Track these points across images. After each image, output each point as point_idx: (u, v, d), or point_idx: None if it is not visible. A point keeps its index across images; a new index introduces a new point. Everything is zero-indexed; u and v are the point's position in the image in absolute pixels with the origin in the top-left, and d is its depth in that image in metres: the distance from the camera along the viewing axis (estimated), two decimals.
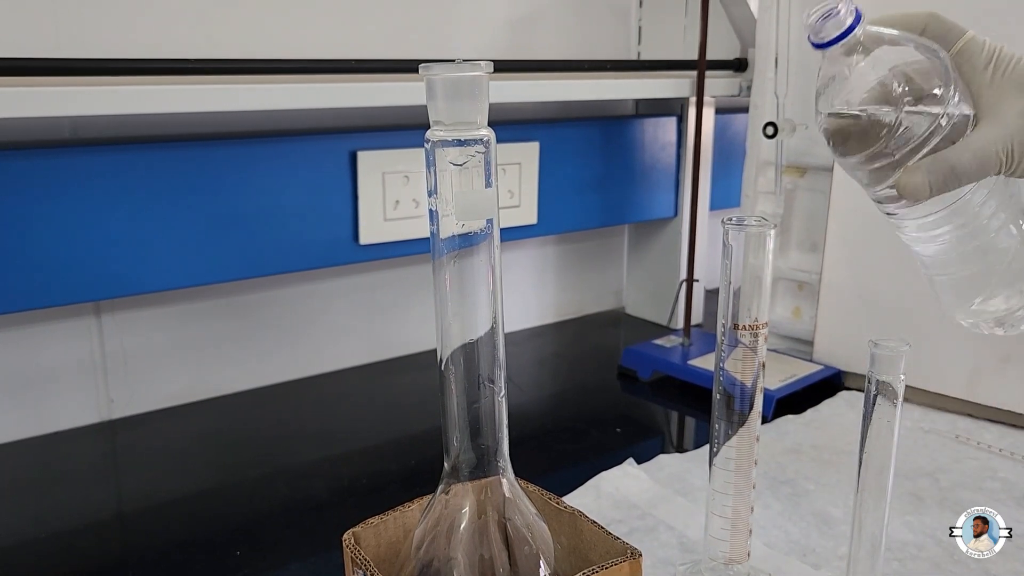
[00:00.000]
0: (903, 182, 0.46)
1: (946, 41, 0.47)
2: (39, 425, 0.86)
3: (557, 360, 1.16)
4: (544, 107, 1.14)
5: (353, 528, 0.48)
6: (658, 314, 1.24)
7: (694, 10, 1.11)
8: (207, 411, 0.93)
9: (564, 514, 0.50)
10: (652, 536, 0.66)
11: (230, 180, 0.83)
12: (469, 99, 0.40)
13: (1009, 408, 0.85)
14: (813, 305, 1.01)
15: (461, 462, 0.45)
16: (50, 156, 0.74)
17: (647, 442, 0.89)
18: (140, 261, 0.79)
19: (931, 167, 0.45)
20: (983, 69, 0.47)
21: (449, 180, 0.41)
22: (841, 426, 0.86)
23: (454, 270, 0.42)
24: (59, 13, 0.79)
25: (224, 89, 0.77)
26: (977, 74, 0.47)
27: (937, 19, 0.48)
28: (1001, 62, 0.47)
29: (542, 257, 1.23)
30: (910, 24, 0.48)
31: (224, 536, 0.69)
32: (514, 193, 1.03)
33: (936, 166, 0.45)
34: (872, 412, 0.52)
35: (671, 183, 1.19)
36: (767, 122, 0.99)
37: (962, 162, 0.45)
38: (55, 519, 0.71)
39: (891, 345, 0.50)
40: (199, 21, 0.87)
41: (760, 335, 0.52)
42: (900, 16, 0.48)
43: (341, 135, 0.90)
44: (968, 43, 0.47)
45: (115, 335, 0.88)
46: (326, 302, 1.02)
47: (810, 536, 0.66)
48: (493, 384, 0.44)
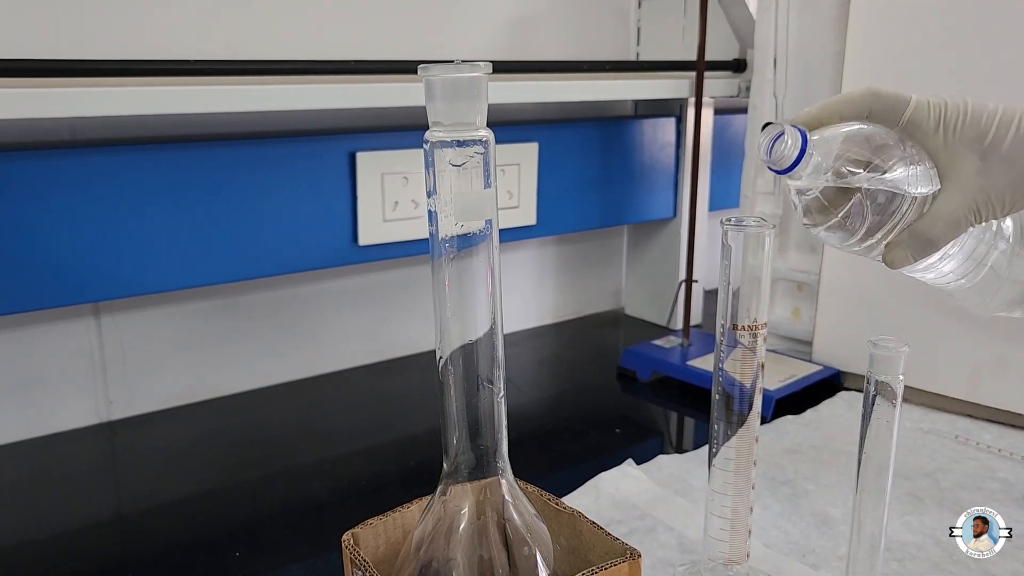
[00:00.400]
0: (888, 258, 0.49)
1: (894, 114, 0.48)
2: (38, 426, 0.86)
3: (556, 361, 1.16)
4: (543, 108, 1.14)
5: (352, 529, 0.48)
6: (657, 315, 1.24)
7: (693, 11, 1.11)
8: (206, 412, 0.93)
9: (563, 515, 0.50)
10: (651, 537, 0.66)
11: (229, 181, 0.83)
12: (468, 100, 0.40)
13: (1008, 408, 0.86)
14: (812, 305, 1.01)
15: (460, 463, 0.45)
16: (49, 157, 0.74)
17: (646, 443, 0.89)
18: (139, 262, 0.79)
19: (909, 242, 0.48)
20: (934, 133, 0.48)
21: (448, 181, 0.41)
22: (840, 426, 0.86)
23: (453, 271, 0.42)
24: (60, 15, 0.79)
25: (223, 90, 0.77)
26: (929, 139, 0.48)
27: (878, 97, 0.48)
28: (949, 123, 0.47)
29: (541, 258, 1.24)
30: (854, 107, 0.49)
31: (224, 537, 0.69)
32: (513, 194, 1.03)
33: (914, 240, 0.48)
34: (871, 412, 0.52)
35: (670, 184, 1.19)
36: (766, 123, 0.98)
37: (935, 233, 0.47)
38: (55, 520, 0.71)
39: (890, 345, 0.50)
40: (198, 23, 0.87)
41: (759, 335, 0.52)
42: (842, 102, 0.49)
43: (340, 136, 0.90)
44: (915, 111, 0.48)
45: (114, 336, 0.88)
46: (325, 303, 1.02)
47: (809, 536, 0.66)
48: (492, 385, 0.44)
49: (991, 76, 0.82)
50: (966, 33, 0.84)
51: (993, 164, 0.47)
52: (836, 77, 0.95)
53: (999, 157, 0.46)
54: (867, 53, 0.91)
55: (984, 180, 0.47)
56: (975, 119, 0.47)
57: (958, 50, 0.84)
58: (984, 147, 0.47)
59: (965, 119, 0.47)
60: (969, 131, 0.47)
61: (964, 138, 0.47)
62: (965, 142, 0.47)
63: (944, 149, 0.48)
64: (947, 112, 0.47)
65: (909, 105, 0.48)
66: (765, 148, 0.47)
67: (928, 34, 0.86)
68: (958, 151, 0.47)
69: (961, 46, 0.84)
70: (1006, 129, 0.46)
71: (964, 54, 0.84)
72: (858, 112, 0.49)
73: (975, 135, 0.47)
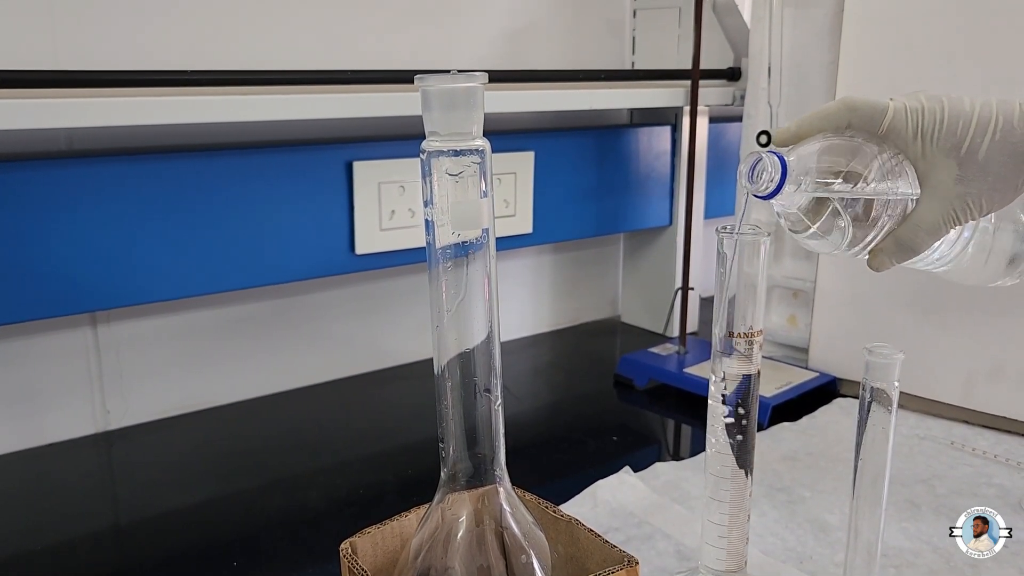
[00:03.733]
0: (872, 263, 0.51)
1: (873, 123, 0.49)
2: (35, 436, 0.85)
3: (553, 369, 1.16)
4: (539, 117, 1.14)
5: (350, 538, 0.48)
6: (654, 322, 1.25)
7: (687, 20, 1.12)
8: (203, 422, 0.93)
9: (561, 522, 0.50)
10: (649, 544, 0.66)
11: (225, 191, 0.83)
12: (464, 110, 0.41)
13: (1004, 414, 0.86)
14: (808, 313, 1.02)
15: (458, 471, 0.45)
16: (46, 167, 0.74)
17: (643, 450, 0.89)
18: (136, 272, 0.79)
19: (891, 249, 0.50)
20: (913, 141, 0.49)
21: (445, 190, 0.41)
22: (837, 433, 0.86)
23: (450, 280, 0.43)
24: (57, 25, 0.79)
25: (220, 101, 0.77)
26: (909, 147, 0.49)
27: (855, 109, 0.49)
28: (927, 131, 0.48)
29: (538, 266, 1.24)
30: (832, 121, 0.50)
31: (221, 547, 0.69)
32: (509, 203, 1.03)
33: (896, 247, 0.50)
34: (867, 419, 0.52)
35: (666, 192, 1.19)
36: (761, 131, 0.99)
37: (916, 240, 0.50)
38: (51, 531, 0.71)
39: (886, 352, 0.51)
40: (196, 33, 0.87)
41: (755, 343, 0.52)
42: (820, 116, 0.50)
43: (337, 146, 0.90)
44: (893, 119, 0.49)
45: (111, 346, 0.88)
46: (322, 312, 1.02)
47: (806, 543, 0.66)
48: (490, 393, 0.45)
49: (984, 85, 0.83)
50: (958, 42, 0.84)
51: (970, 171, 0.48)
52: (830, 85, 0.95)
53: (976, 165, 0.48)
54: (860, 62, 0.91)
55: (962, 187, 0.48)
56: (952, 126, 0.48)
57: (950, 59, 0.85)
58: (961, 155, 0.48)
59: (943, 127, 0.48)
60: (946, 139, 0.48)
61: (942, 147, 0.48)
62: (943, 151, 0.48)
63: (922, 157, 0.49)
64: (924, 119, 0.48)
65: (887, 114, 0.49)
66: (746, 175, 0.49)
67: (921, 43, 0.87)
68: (936, 159, 0.48)
69: (953, 55, 0.85)
70: (982, 136, 0.48)
71: (956, 63, 0.84)
72: (836, 125, 0.50)
73: (952, 144, 0.48)
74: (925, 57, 0.87)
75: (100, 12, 0.81)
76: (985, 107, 0.48)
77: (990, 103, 0.48)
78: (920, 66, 0.87)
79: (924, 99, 0.49)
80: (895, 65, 0.89)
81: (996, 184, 0.48)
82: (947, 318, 0.88)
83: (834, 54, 0.94)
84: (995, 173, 0.48)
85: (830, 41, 0.95)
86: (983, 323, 0.86)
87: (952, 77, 0.85)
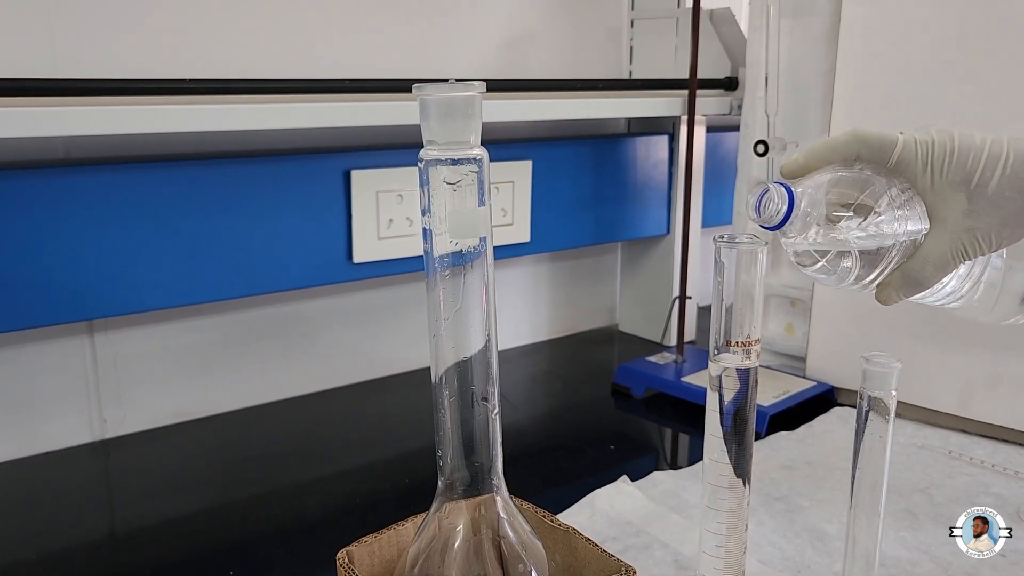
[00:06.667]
0: (880, 297, 0.51)
1: (882, 155, 0.48)
2: (32, 445, 0.85)
3: (551, 377, 1.16)
4: (537, 126, 1.14)
5: (347, 547, 0.48)
6: (651, 331, 1.25)
7: (685, 30, 1.12)
8: (200, 430, 0.92)
9: (558, 532, 0.50)
10: (647, 553, 0.65)
11: (223, 199, 0.83)
12: (462, 119, 0.41)
13: (1001, 424, 0.86)
14: (805, 322, 1.02)
15: (455, 480, 0.45)
16: (44, 176, 0.74)
17: (641, 459, 0.89)
18: (133, 280, 0.79)
19: (899, 283, 0.50)
20: (922, 174, 0.48)
21: (443, 199, 0.41)
22: (834, 442, 0.86)
23: (448, 288, 0.43)
24: (56, 34, 0.79)
25: (218, 109, 0.77)
26: (918, 180, 0.48)
27: (864, 141, 0.48)
28: (936, 164, 0.48)
29: (535, 275, 1.24)
30: (841, 152, 0.49)
31: (218, 555, 0.69)
32: (507, 211, 1.03)
33: (903, 281, 0.50)
34: (865, 428, 0.52)
35: (663, 201, 1.20)
36: (758, 140, 0.99)
37: (924, 274, 0.49)
38: (47, 540, 0.71)
39: (883, 361, 0.51)
40: (194, 42, 0.88)
41: (753, 352, 0.53)
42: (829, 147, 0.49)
43: (335, 154, 0.90)
44: (903, 152, 0.48)
45: (108, 354, 0.88)
46: (320, 321, 1.02)
47: (804, 553, 0.66)
48: (487, 402, 0.45)
49: (979, 95, 0.83)
50: (955, 51, 0.85)
51: (980, 205, 0.47)
52: (827, 95, 0.96)
53: (986, 199, 0.47)
54: (857, 71, 0.92)
55: (971, 221, 0.47)
56: (962, 159, 0.47)
57: (947, 69, 0.85)
58: (971, 189, 0.47)
59: (952, 159, 0.47)
60: (956, 173, 0.47)
61: (951, 180, 0.47)
62: (952, 184, 0.47)
63: (931, 190, 0.48)
64: (934, 152, 0.48)
65: (896, 146, 0.48)
66: (753, 207, 0.48)
67: (917, 53, 0.87)
68: (946, 192, 0.48)
69: (950, 64, 0.85)
70: (992, 170, 0.47)
71: (952, 72, 0.85)
72: (845, 157, 0.49)
73: (962, 177, 0.47)
74: (921, 66, 0.87)
75: (99, 21, 0.82)
76: (996, 142, 0.47)
77: (1001, 139, 0.48)
78: (916, 75, 0.87)
79: (935, 132, 0.48)
80: (892, 74, 0.89)
81: (1007, 219, 0.47)
82: (944, 327, 0.88)
83: (831, 63, 0.95)
84: (1006, 208, 0.47)
85: (827, 50, 0.96)
86: (980, 332, 0.86)
87: (948, 85, 0.85)
